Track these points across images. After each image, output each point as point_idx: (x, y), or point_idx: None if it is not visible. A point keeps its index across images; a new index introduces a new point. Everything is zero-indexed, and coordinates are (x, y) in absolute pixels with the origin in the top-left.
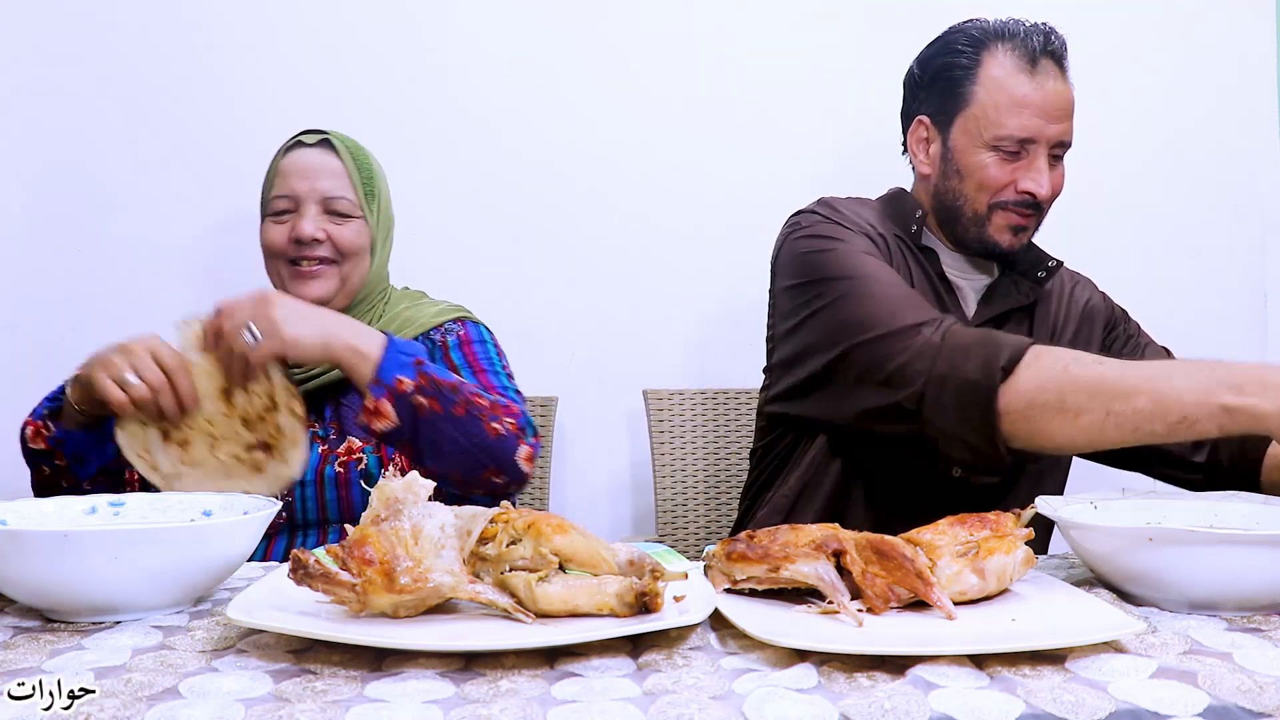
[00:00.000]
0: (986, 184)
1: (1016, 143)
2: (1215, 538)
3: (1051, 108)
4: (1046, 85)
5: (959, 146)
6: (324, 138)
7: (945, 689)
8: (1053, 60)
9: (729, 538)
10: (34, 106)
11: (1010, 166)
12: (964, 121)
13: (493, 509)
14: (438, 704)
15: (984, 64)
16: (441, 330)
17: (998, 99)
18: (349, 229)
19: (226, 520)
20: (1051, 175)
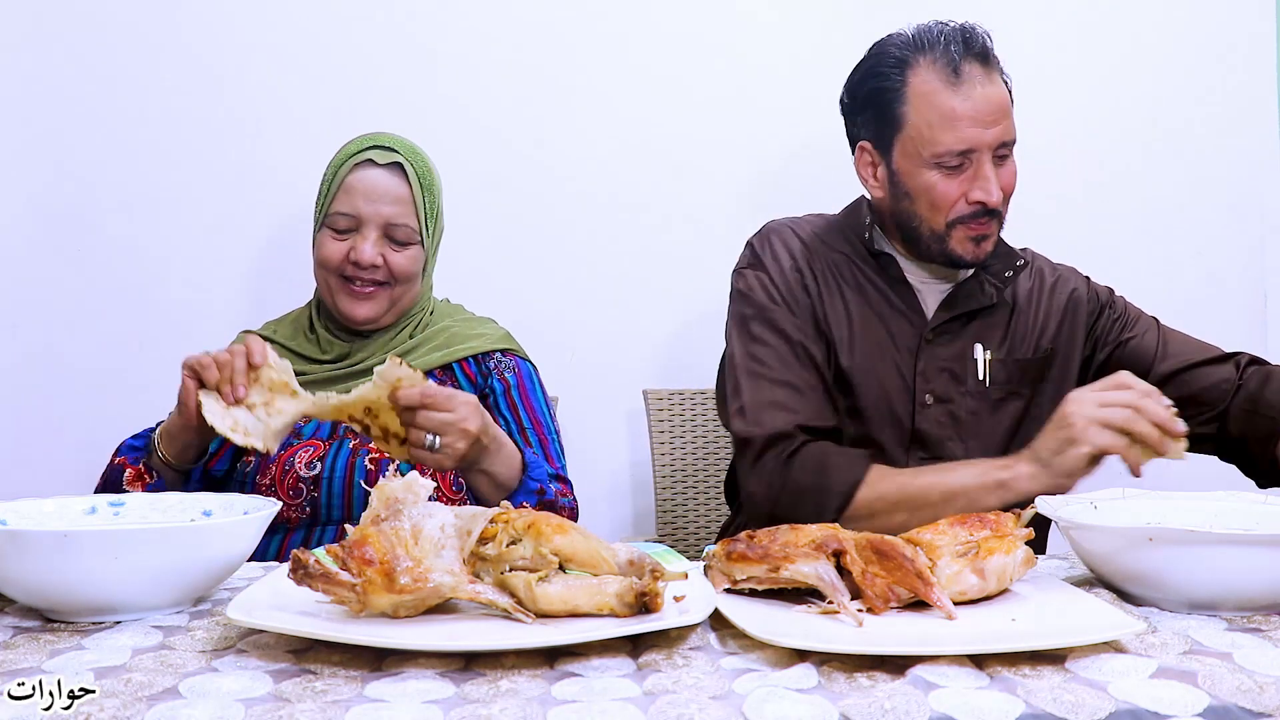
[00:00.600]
0: (937, 203)
1: (957, 156)
2: (1215, 538)
3: (984, 113)
4: (974, 92)
5: (903, 169)
6: (396, 160)
7: (945, 689)
8: (978, 61)
9: (729, 538)
10: (34, 108)
11: (956, 180)
12: (902, 144)
13: (493, 509)
14: (438, 704)
15: (909, 83)
16: (495, 362)
17: (929, 117)
18: (406, 255)
19: (226, 520)
20: (1001, 176)
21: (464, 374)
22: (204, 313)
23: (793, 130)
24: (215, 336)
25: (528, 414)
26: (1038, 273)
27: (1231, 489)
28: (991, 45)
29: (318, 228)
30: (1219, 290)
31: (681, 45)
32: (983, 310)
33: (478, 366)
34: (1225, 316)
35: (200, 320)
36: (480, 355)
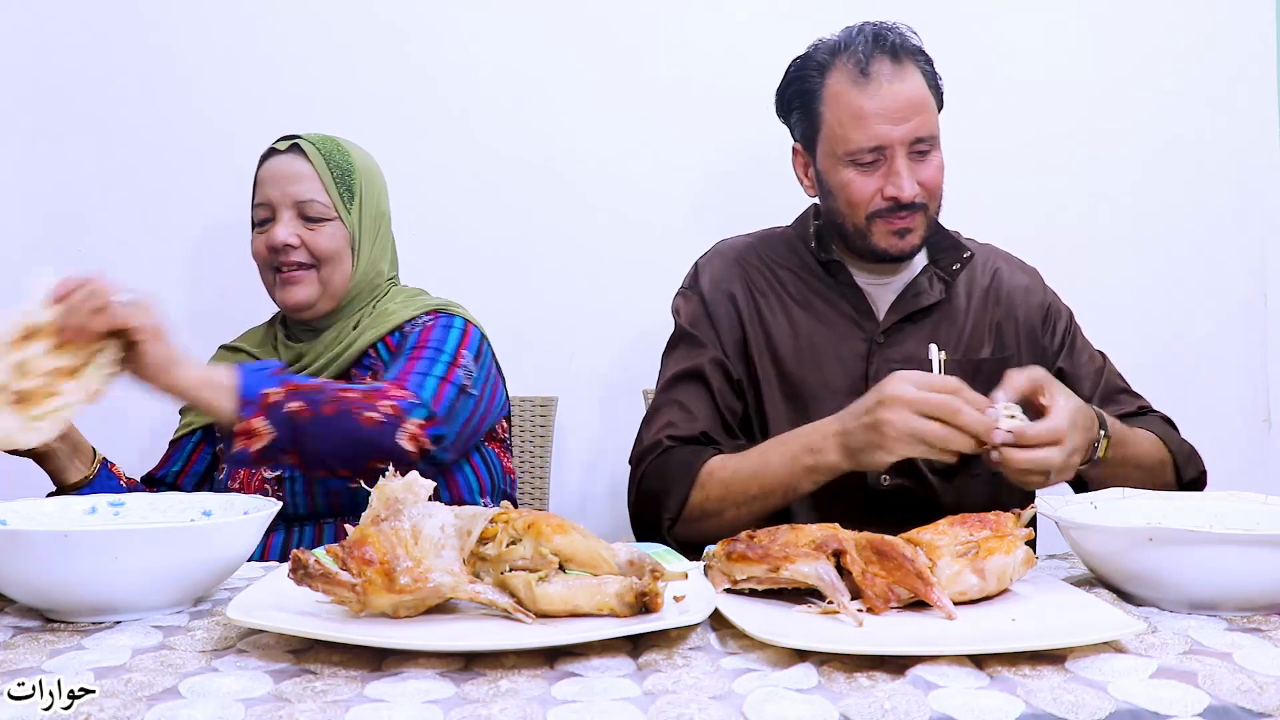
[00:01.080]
0: (853, 200)
1: (869, 153)
2: (1215, 538)
3: (892, 110)
4: (881, 90)
5: (824, 168)
6: (294, 143)
7: (945, 689)
8: (888, 58)
9: (729, 538)
10: (33, 109)
11: (872, 177)
12: (822, 143)
13: (493, 509)
14: (438, 704)
15: (826, 84)
16: (414, 323)
17: (840, 116)
18: (323, 233)
19: (226, 520)
20: (920, 171)
21: (386, 348)
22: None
23: None
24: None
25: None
26: (995, 271)
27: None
28: (910, 41)
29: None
30: (1219, 290)
31: (681, 45)
32: (934, 308)
33: (399, 336)
34: (1225, 316)
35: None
36: (404, 324)
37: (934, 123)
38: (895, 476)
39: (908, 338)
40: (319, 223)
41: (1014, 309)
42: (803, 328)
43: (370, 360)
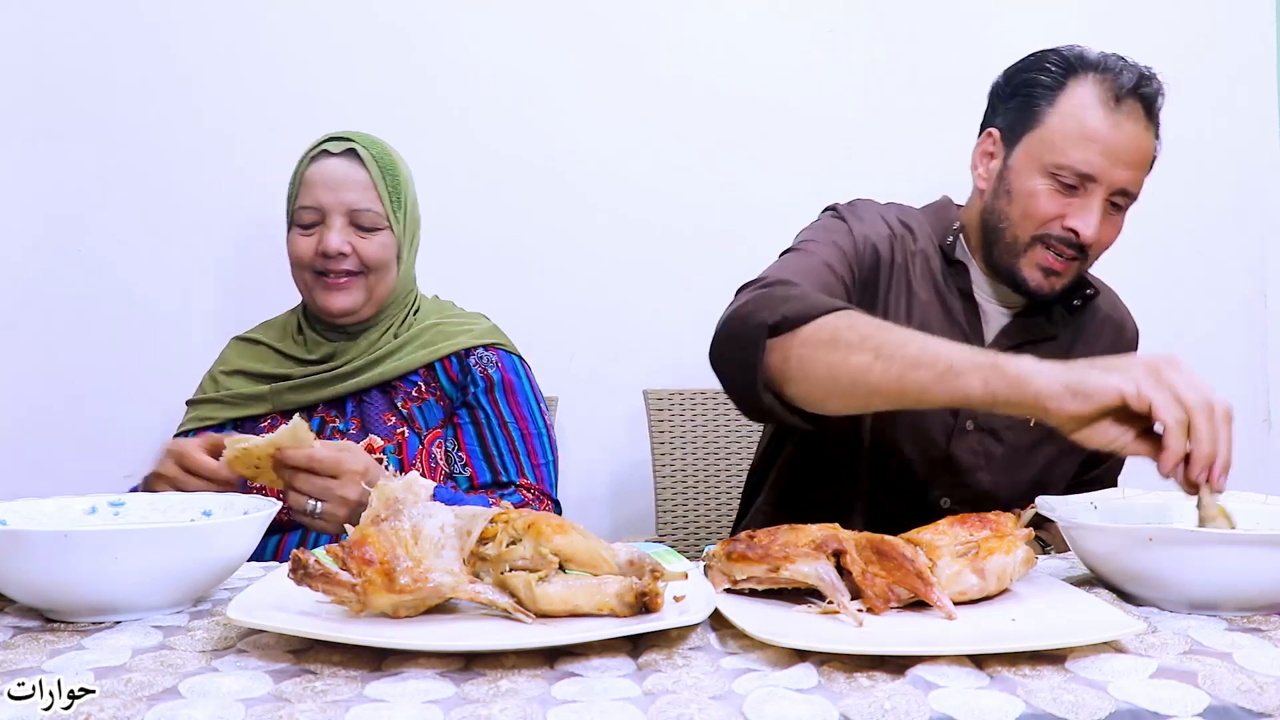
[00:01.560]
0: (1032, 213)
1: (1075, 176)
2: (1215, 538)
3: (1123, 150)
4: (1124, 126)
5: (1017, 167)
6: (349, 146)
7: (945, 689)
8: (1141, 104)
9: (729, 538)
10: (35, 106)
11: (1062, 200)
12: (1029, 142)
13: (493, 509)
14: (438, 704)
15: (1068, 88)
16: (477, 358)
17: (1068, 126)
18: (375, 242)
19: (226, 520)
20: (1105, 222)
21: (445, 373)
22: (204, 313)
23: (793, 131)
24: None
25: (510, 409)
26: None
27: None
28: (1160, 102)
29: (288, 228)
30: (1219, 290)
31: (681, 45)
32: (1043, 342)
33: (459, 364)
34: (1225, 316)
35: (199, 321)
36: (462, 352)
37: (1140, 182)
38: (956, 504)
39: None
40: (371, 232)
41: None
42: (917, 314)
43: (419, 378)
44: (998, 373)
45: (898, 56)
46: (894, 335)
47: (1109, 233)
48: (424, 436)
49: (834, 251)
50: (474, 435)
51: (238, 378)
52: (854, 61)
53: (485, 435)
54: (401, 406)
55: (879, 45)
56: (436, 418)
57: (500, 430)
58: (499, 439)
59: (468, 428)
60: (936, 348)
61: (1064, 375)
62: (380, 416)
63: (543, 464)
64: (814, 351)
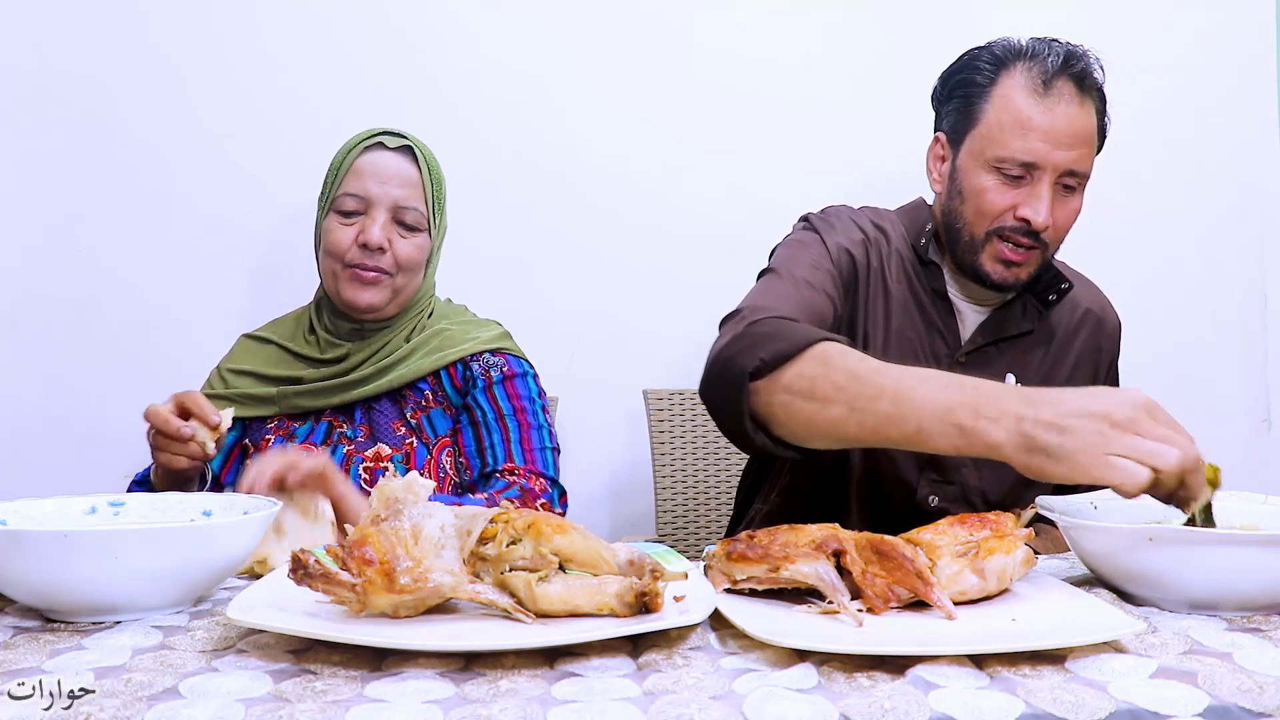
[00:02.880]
0: (984, 209)
1: (1019, 166)
2: (1215, 538)
3: (1061, 133)
4: (1058, 109)
5: (964, 166)
6: (406, 144)
7: (945, 689)
8: (1073, 83)
9: (729, 538)
10: (35, 104)
11: (1011, 192)
12: (971, 141)
13: (493, 509)
14: (438, 704)
15: (999, 82)
16: (482, 363)
17: (1004, 119)
18: (412, 243)
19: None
20: (1058, 206)
21: (450, 381)
22: (203, 313)
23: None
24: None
25: (509, 401)
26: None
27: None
28: (1096, 76)
29: (323, 214)
30: (1219, 290)
31: (683, 47)
32: (1021, 337)
33: (464, 370)
34: (1225, 316)
35: (200, 321)
36: (467, 358)
37: (1088, 163)
38: (943, 501)
39: (990, 362)
40: (412, 231)
41: (1100, 353)
42: (895, 318)
43: (427, 386)
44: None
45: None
46: (869, 386)
47: (1064, 216)
48: (432, 447)
49: (812, 269)
50: (471, 436)
51: (245, 378)
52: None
53: (480, 433)
54: (410, 416)
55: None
56: (445, 427)
57: (495, 422)
58: (493, 431)
59: (466, 430)
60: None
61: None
62: (390, 425)
63: (538, 449)
64: (793, 399)
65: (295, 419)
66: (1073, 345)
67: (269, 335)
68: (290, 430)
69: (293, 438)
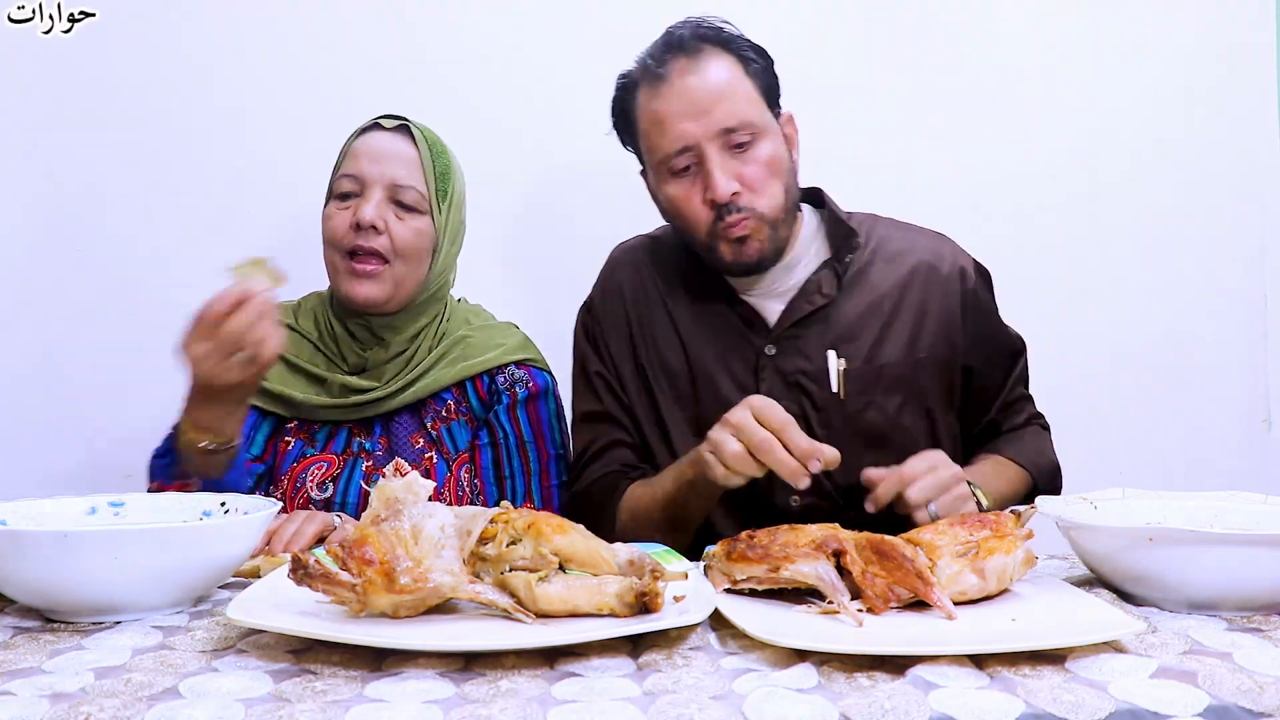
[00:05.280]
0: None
1: (679, 157)
2: (1215, 538)
3: (688, 106)
4: (674, 86)
5: (656, 188)
6: (402, 124)
7: (945, 689)
8: (682, 54)
9: (729, 538)
10: (35, 103)
11: (692, 182)
12: (646, 163)
13: (493, 509)
14: (438, 704)
15: (637, 100)
16: (507, 376)
17: (648, 128)
18: (411, 225)
19: (226, 520)
20: (740, 165)
21: (475, 393)
22: None
23: None
24: None
25: (530, 427)
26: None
27: (1231, 489)
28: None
29: (326, 202)
30: (1219, 290)
31: None
32: (828, 310)
33: (490, 382)
34: (1225, 316)
35: None
36: (493, 370)
37: (746, 108)
38: (806, 496)
39: (803, 345)
40: (410, 212)
41: (928, 299)
42: (692, 346)
43: (450, 396)
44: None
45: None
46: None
47: (752, 171)
48: (451, 462)
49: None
50: (490, 459)
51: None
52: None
53: (500, 456)
54: (431, 428)
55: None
56: (465, 440)
57: (517, 450)
58: (514, 458)
59: (485, 450)
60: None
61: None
62: (409, 439)
63: (554, 485)
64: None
65: (315, 423)
66: (902, 303)
67: (290, 322)
68: (310, 433)
69: (313, 442)
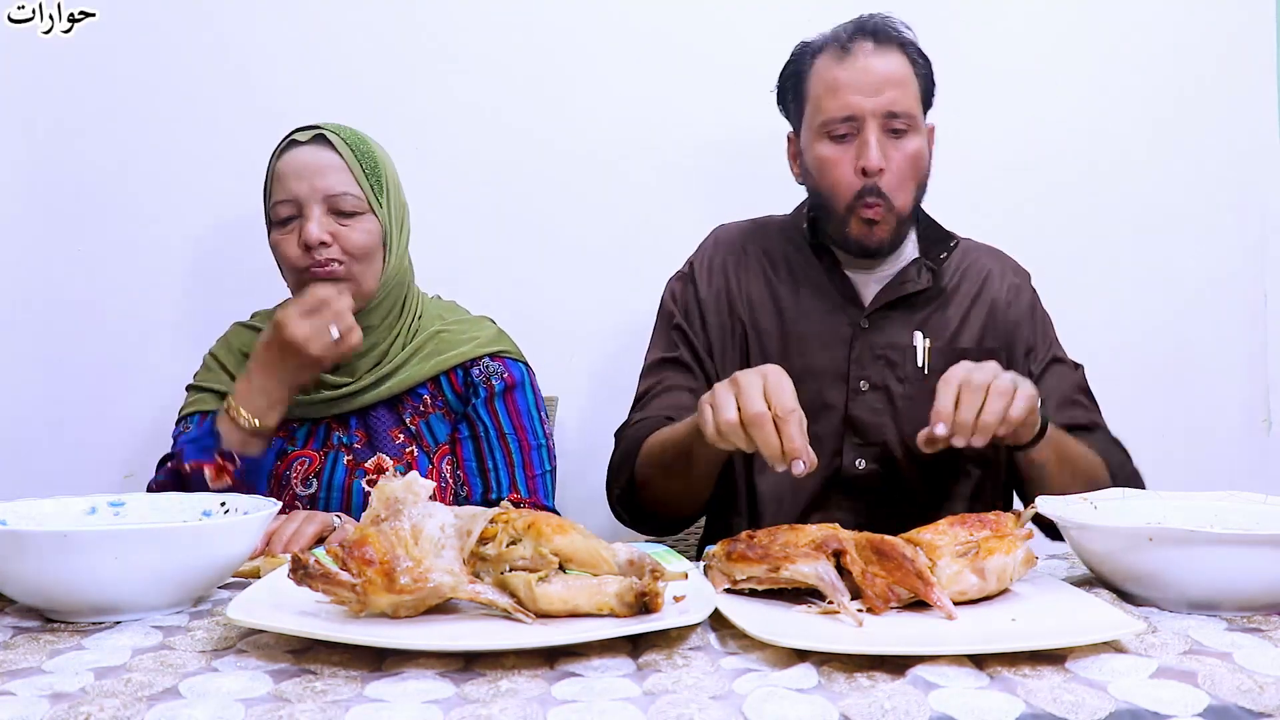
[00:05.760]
0: (829, 176)
1: (841, 123)
2: (1215, 538)
3: (866, 82)
4: (858, 63)
5: (806, 147)
6: (318, 133)
7: (945, 689)
8: (870, 38)
9: (728, 538)
10: (35, 103)
11: (845, 150)
12: (805, 122)
13: (493, 509)
14: (438, 704)
15: (814, 66)
16: (482, 368)
17: (819, 90)
18: (358, 229)
19: (226, 520)
20: (891, 149)
21: (451, 386)
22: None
23: None
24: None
25: (510, 418)
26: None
27: (1231, 489)
28: (894, 27)
29: (268, 230)
30: (1219, 290)
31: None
32: (920, 297)
33: (464, 376)
34: (1225, 316)
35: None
36: (468, 363)
37: (911, 102)
38: (870, 462)
39: (892, 324)
40: (352, 217)
41: (1001, 307)
42: (789, 313)
43: (425, 391)
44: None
45: None
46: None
47: (900, 158)
48: (433, 455)
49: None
50: (472, 451)
51: None
52: None
53: (483, 449)
54: (410, 423)
55: None
56: (444, 432)
57: (498, 441)
58: (495, 450)
59: (466, 443)
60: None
61: None
62: (388, 433)
63: (539, 475)
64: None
65: (293, 420)
66: (974, 303)
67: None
68: (290, 431)
69: (292, 439)
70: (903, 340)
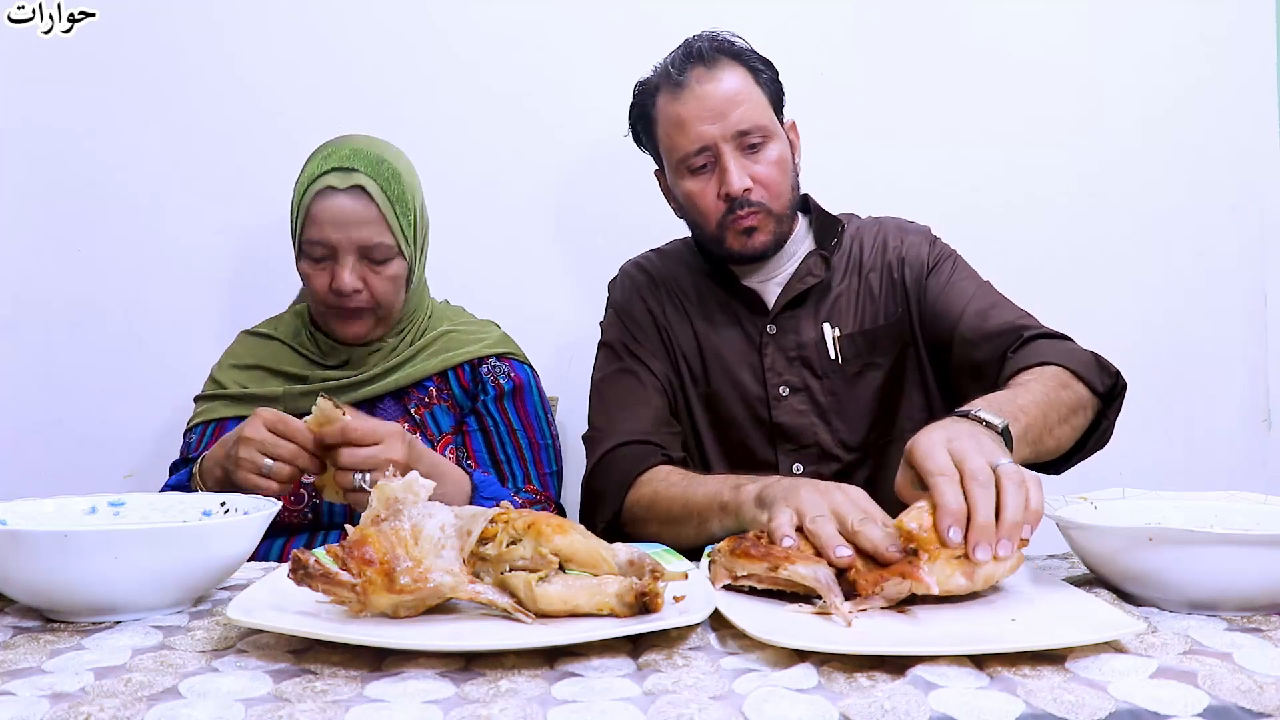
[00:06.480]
0: (700, 208)
1: (696, 155)
2: (1215, 538)
3: (708, 110)
4: (693, 90)
5: (674, 184)
6: (356, 183)
7: (945, 689)
8: (700, 64)
9: (737, 535)
10: (35, 103)
11: (707, 180)
12: (665, 162)
13: (493, 509)
14: (438, 704)
15: (657, 105)
16: (490, 368)
17: (666, 129)
18: (386, 275)
19: (226, 520)
20: (752, 164)
21: (458, 381)
22: (203, 314)
23: None
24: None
25: (519, 418)
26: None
27: (1231, 489)
28: (723, 42)
29: (297, 254)
30: (1219, 290)
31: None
32: (819, 290)
33: (472, 373)
34: (1225, 316)
35: (200, 321)
36: (475, 361)
37: (759, 114)
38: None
39: (799, 323)
40: (384, 264)
41: (903, 267)
42: (703, 335)
43: (432, 384)
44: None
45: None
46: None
47: (765, 171)
48: (436, 443)
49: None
50: (482, 443)
51: (257, 372)
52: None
53: (494, 442)
54: (415, 413)
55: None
56: (448, 424)
57: (509, 437)
58: (506, 446)
59: (476, 435)
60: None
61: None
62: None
63: (549, 473)
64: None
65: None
66: (878, 277)
67: (271, 332)
68: None
69: None
70: (813, 336)
